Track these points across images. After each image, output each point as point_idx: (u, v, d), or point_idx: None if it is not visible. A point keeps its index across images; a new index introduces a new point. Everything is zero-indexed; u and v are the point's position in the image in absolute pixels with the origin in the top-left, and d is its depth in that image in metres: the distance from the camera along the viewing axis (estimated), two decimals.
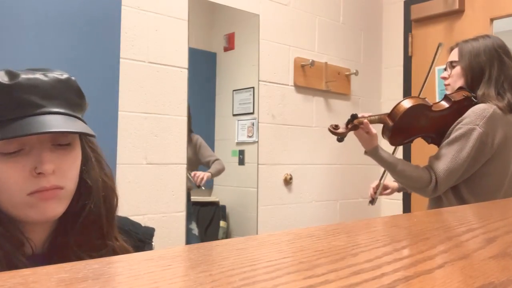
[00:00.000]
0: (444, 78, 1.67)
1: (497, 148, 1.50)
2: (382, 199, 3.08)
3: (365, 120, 1.57)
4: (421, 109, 1.59)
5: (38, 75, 0.68)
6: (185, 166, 2.15)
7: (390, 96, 3.08)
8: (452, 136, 1.52)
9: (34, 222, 0.71)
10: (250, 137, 2.45)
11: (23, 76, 0.67)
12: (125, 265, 0.29)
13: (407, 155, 2.86)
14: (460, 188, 1.56)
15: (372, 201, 1.93)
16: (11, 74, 0.67)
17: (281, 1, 2.55)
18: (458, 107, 1.55)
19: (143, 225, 0.91)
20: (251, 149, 2.46)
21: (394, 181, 1.86)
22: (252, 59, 2.45)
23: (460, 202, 1.55)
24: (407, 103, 1.59)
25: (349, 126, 1.59)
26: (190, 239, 2.23)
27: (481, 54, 1.55)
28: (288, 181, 2.56)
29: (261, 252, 0.35)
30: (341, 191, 2.84)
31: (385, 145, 1.68)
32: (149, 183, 2.01)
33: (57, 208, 0.70)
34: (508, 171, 1.57)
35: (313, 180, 2.69)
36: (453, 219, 0.60)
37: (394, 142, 1.67)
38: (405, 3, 3.02)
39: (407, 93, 2.97)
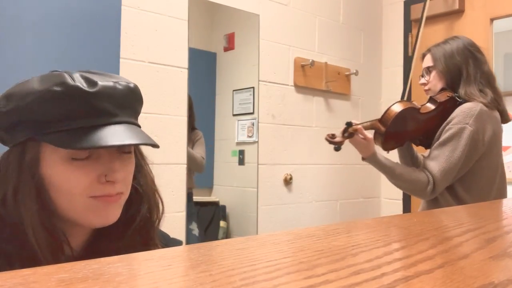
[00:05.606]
0: (424, 84, 1.69)
1: (488, 144, 1.53)
2: (382, 199, 3.08)
3: (359, 126, 1.58)
4: (411, 112, 1.60)
5: (113, 83, 0.67)
6: (185, 166, 2.14)
7: (390, 96, 3.08)
8: (444, 137, 1.53)
9: (92, 226, 0.70)
10: (250, 137, 2.45)
11: (101, 83, 0.66)
12: (125, 265, 0.29)
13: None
14: (455, 187, 1.56)
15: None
16: (89, 81, 0.66)
17: (281, 1, 2.55)
18: (444, 108, 1.58)
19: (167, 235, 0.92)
20: (251, 149, 2.46)
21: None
22: (252, 59, 2.45)
23: (456, 200, 1.55)
24: (397, 107, 1.59)
25: (345, 134, 1.60)
26: (190, 239, 2.22)
27: (455, 55, 1.58)
28: (288, 181, 2.56)
29: (261, 252, 0.35)
30: (341, 191, 2.84)
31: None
32: None
33: (117, 213, 0.70)
34: (498, 165, 1.60)
35: (313, 180, 2.69)
36: (453, 219, 0.60)
37: (387, 147, 1.66)
38: (405, 3, 3.02)
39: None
